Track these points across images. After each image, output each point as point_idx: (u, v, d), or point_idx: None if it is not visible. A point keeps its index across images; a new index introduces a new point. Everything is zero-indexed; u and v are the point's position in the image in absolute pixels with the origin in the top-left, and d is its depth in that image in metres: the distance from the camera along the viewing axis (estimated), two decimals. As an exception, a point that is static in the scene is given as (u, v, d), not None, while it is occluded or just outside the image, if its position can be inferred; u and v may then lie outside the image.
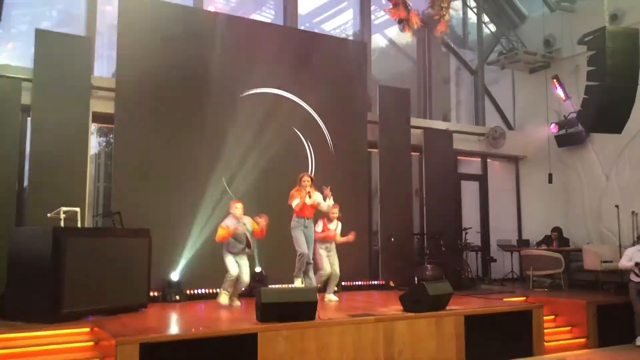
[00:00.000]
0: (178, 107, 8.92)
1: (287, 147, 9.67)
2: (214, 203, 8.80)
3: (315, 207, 7.85)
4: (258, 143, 9.40)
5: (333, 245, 8.14)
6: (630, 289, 8.19)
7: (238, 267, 7.48)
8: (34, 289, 6.34)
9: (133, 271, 7.15)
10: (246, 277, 7.57)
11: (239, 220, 7.58)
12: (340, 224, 8.24)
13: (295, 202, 7.69)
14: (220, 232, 7.40)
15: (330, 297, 8.04)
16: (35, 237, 6.58)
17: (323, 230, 8.03)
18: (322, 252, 8.03)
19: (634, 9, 10.36)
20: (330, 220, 8.10)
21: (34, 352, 5.55)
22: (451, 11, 8.87)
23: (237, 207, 7.64)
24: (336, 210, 8.10)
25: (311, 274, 7.81)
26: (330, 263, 8.04)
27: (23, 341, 5.70)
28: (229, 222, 7.50)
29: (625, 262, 8.27)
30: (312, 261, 7.83)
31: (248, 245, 7.63)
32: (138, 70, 8.70)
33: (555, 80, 11.56)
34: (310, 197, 7.71)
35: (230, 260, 7.49)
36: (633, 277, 8.14)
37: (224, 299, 7.52)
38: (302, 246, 7.69)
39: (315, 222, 7.99)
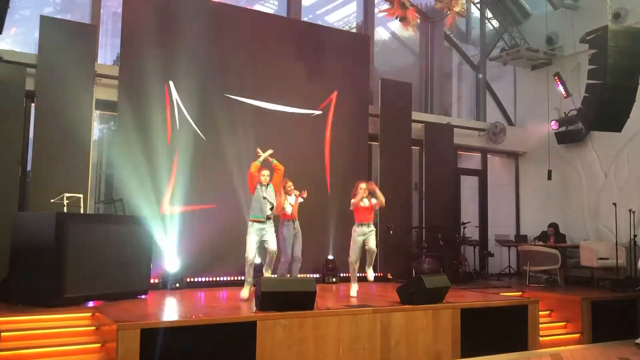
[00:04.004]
0: (180, 95, 8.94)
1: (290, 136, 9.74)
2: (216, 191, 8.86)
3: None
4: (262, 131, 9.49)
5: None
6: None
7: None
8: (37, 273, 6.41)
9: (134, 258, 7.22)
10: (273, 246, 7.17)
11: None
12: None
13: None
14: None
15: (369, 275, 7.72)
16: (38, 223, 6.65)
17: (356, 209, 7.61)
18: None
19: (637, 8, 10.39)
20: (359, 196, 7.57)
21: (36, 335, 5.62)
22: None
23: (264, 175, 7.22)
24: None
25: (294, 267, 7.98)
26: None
27: (25, 324, 5.77)
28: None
29: None
30: (300, 258, 7.96)
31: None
32: (141, 58, 8.74)
33: (556, 77, 11.60)
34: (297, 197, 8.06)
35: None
36: None
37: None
38: (287, 247, 7.87)
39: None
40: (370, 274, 7.72)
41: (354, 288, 7.75)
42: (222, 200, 8.88)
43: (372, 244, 7.57)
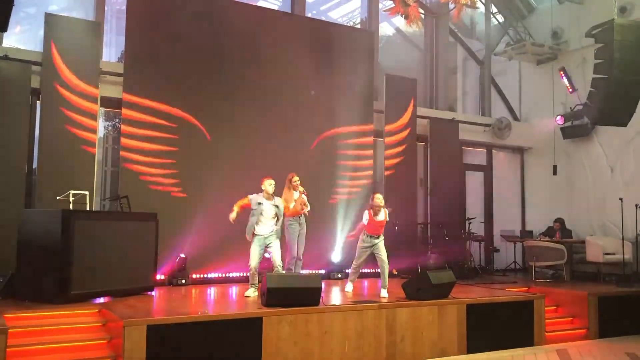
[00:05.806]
0: (185, 92, 8.97)
1: (295, 132, 9.73)
2: (221, 188, 8.86)
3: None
4: (267, 127, 9.49)
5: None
6: None
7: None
8: (43, 270, 6.44)
9: (140, 255, 7.25)
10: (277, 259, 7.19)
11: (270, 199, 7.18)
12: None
13: (291, 205, 7.72)
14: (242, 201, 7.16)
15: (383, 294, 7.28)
16: (44, 220, 6.68)
17: (370, 222, 7.48)
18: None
19: (643, 1, 10.35)
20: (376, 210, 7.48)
21: (43, 332, 5.65)
22: None
23: (270, 184, 7.19)
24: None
25: (298, 268, 7.92)
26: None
27: (32, 321, 5.82)
28: (252, 196, 7.19)
29: None
30: (301, 257, 7.88)
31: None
32: (146, 55, 8.75)
33: (562, 72, 11.56)
34: (302, 195, 7.86)
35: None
36: None
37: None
38: (293, 245, 7.80)
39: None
40: (384, 293, 7.22)
41: (349, 285, 7.77)
42: (227, 197, 8.87)
43: (383, 255, 7.41)
